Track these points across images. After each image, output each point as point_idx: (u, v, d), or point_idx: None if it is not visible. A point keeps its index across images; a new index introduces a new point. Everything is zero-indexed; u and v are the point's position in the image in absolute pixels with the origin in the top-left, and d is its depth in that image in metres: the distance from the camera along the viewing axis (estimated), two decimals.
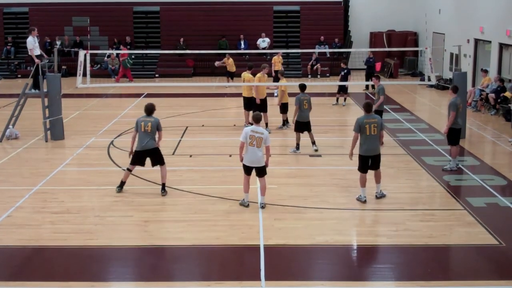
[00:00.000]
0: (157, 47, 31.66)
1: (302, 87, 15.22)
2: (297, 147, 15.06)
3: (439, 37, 28.83)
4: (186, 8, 32.43)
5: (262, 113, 17.25)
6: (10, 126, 16.64)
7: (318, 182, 12.76)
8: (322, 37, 31.66)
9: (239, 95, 23.97)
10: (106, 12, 32.43)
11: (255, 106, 16.79)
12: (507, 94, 19.42)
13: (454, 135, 13.43)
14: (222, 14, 32.16)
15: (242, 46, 30.96)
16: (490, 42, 22.76)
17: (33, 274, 8.56)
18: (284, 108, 17.50)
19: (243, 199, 11.15)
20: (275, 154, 14.93)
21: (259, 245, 9.37)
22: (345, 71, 22.19)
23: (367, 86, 26.23)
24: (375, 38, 32.61)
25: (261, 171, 11.05)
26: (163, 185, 11.83)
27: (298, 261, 8.98)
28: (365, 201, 11.25)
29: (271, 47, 31.03)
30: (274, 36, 32.19)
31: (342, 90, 22.08)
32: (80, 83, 16.85)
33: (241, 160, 11.06)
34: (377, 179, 11.53)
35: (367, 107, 11.31)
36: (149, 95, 23.96)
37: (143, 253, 9.32)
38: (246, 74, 17.74)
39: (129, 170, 11.98)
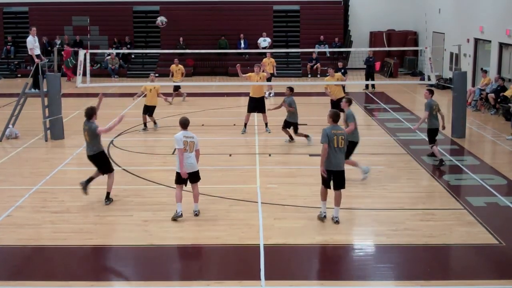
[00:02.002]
0: (157, 46, 31.66)
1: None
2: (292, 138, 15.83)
3: (439, 37, 28.83)
4: (186, 8, 32.43)
5: (262, 114, 17.33)
6: (10, 126, 16.63)
7: (318, 181, 12.65)
8: (322, 37, 31.65)
9: (237, 94, 24.03)
10: (106, 12, 32.43)
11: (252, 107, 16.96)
12: (508, 93, 19.41)
13: (431, 135, 13.96)
14: (222, 13, 32.15)
15: (242, 45, 30.96)
16: (490, 41, 22.76)
17: (33, 274, 8.56)
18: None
19: (177, 211, 10.42)
20: (275, 153, 14.95)
21: (259, 244, 9.37)
22: (342, 70, 22.20)
23: (367, 86, 26.24)
24: (375, 38, 32.62)
25: (196, 177, 10.53)
26: (108, 194, 11.26)
27: (298, 261, 8.98)
28: (324, 217, 10.22)
29: (271, 46, 31.05)
30: (274, 36, 32.18)
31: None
32: (80, 83, 16.83)
33: (182, 168, 10.33)
34: (337, 202, 10.24)
35: (335, 117, 10.14)
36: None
37: (143, 253, 9.32)
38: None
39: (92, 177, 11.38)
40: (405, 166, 13.95)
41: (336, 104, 17.33)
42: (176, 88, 22.81)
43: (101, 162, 11.37)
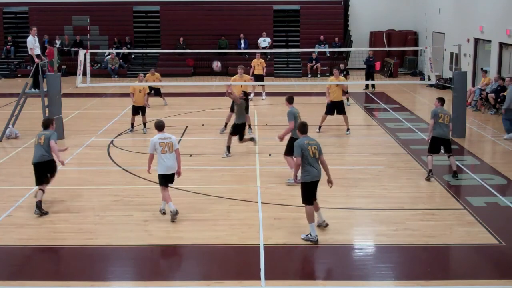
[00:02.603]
0: (157, 46, 31.66)
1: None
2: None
3: (439, 37, 28.83)
4: (186, 8, 32.43)
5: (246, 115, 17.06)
6: (10, 126, 16.64)
7: None
8: (322, 37, 31.65)
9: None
10: (106, 12, 32.43)
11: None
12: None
13: (431, 143, 13.05)
14: (222, 13, 32.16)
15: (242, 45, 30.96)
16: (490, 41, 22.76)
17: (33, 274, 8.56)
18: None
19: (161, 208, 10.78)
20: (275, 153, 14.94)
21: (259, 244, 9.37)
22: (344, 72, 22.17)
23: (366, 86, 26.25)
24: (375, 38, 32.61)
25: (172, 179, 10.71)
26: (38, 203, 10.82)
27: (298, 261, 8.98)
28: (317, 241, 9.45)
29: (271, 46, 31.05)
30: (274, 36, 32.18)
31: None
32: (80, 83, 16.84)
33: (148, 171, 10.75)
34: (316, 207, 9.94)
35: (303, 128, 9.82)
36: (149, 95, 23.91)
37: (143, 253, 9.32)
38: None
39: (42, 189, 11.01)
40: (405, 166, 13.95)
41: (332, 107, 17.30)
42: (158, 92, 22.31)
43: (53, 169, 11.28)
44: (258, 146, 15.68)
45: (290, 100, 12.88)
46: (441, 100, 13.25)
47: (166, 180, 10.54)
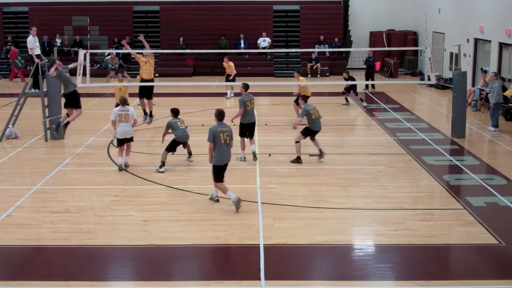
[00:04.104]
0: (157, 46, 31.63)
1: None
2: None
3: (439, 37, 28.83)
4: (186, 8, 32.44)
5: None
6: (10, 126, 16.64)
7: (317, 181, 12.76)
8: (321, 37, 31.65)
9: (238, 94, 23.98)
10: (106, 12, 32.45)
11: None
12: (508, 93, 19.40)
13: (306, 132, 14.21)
14: (222, 13, 32.17)
15: (242, 45, 30.97)
16: (490, 41, 22.76)
17: (33, 274, 8.56)
18: None
19: (120, 164, 13.44)
20: (275, 153, 14.94)
21: (259, 244, 9.37)
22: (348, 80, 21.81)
23: (366, 86, 26.26)
24: (375, 38, 32.62)
25: (130, 139, 13.80)
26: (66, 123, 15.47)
27: (298, 261, 8.98)
28: (238, 201, 10.76)
29: (271, 46, 31.06)
30: (274, 36, 32.20)
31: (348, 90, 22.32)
32: (80, 83, 16.84)
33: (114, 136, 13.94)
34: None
35: (219, 116, 11.06)
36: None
37: (143, 253, 9.32)
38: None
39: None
40: (405, 166, 13.95)
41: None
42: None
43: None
44: (258, 146, 15.68)
45: (245, 87, 14.36)
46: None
47: (122, 141, 13.68)
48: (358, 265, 8.92)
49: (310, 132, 14.27)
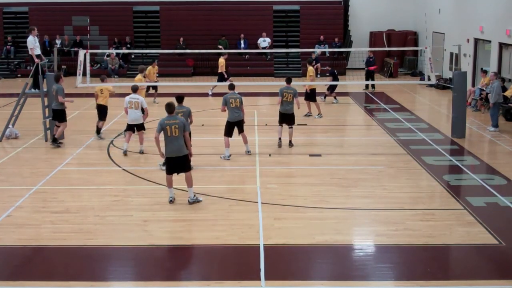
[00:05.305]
0: (157, 46, 31.65)
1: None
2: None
3: (439, 37, 28.83)
4: (186, 8, 32.43)
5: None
6: (10, 126, 16.63)
7: (317, 181, 12.76)
8: (321, 37, 31.64)
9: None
10: (106, 12, 32.43)
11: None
12: (508, 93, 19.40)
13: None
14: (222, 13, 32.14)
15: (242, 45, 30.96)
16: (490, 41, 22.76)
17: (33, 274, 8.56)
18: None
19: (125, 150, 14.71)
20: (275, 153, 14.94)
21: (259, 244, 9.37)
22: (329, 72, 23.20)
23: (366, 86, 26.27)
24: (375, 38, 32.61)
25: (140, 127, 14.88)
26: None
27: (298, 261, 8.97)
28: (171, 201, 11.05)
29: (271, 46, 31.05)
30: (274, 36, 32.19)
31: (330, 89, 22.86)
32: (80, 83, 16.83)
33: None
34: (188, 183, 11.21)
35: (168, 108, 11.09)
36: (149, 95, 23.91)
37: (143, 253, 9.32)
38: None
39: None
40: (405, 166, 13.95)
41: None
42: (152, 88, 22.74)
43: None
44: (258, 146, 15.70)
45: (229, 87, 14.78)
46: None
47: (131, 127, 14.90)
48: (358, 265, 8.92)
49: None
